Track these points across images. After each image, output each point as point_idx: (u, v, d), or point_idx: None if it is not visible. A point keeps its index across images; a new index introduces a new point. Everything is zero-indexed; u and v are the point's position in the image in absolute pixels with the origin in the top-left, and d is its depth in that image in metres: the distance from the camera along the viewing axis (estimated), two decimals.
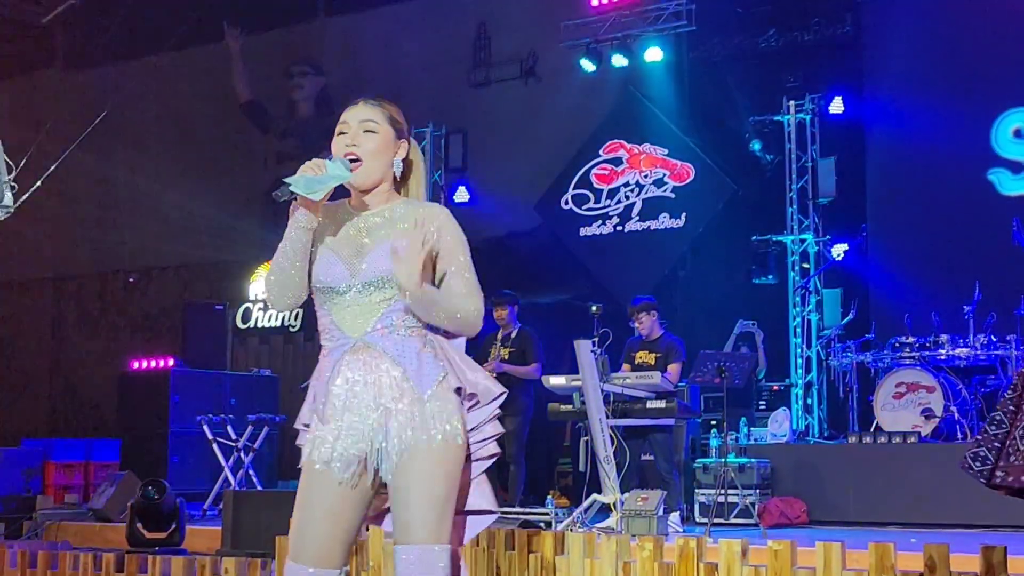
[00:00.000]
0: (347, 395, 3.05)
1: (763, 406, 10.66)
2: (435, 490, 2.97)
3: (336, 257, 3.12)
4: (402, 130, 3.26)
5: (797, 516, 8.69)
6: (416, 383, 3.02)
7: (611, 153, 12.62)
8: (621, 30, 12.32)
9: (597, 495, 7.94)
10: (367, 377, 3.04)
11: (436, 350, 3.10)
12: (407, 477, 2.97)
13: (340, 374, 3.08)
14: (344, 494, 3.04)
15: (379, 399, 3.02)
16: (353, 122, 3.18)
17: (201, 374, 11.40)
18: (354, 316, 3.10)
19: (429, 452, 2.97)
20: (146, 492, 7.40)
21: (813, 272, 11.24)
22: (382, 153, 3.18)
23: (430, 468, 2.97)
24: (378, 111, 3.21)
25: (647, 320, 9.12)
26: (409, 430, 2.98)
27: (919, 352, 9.51)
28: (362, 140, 3.16)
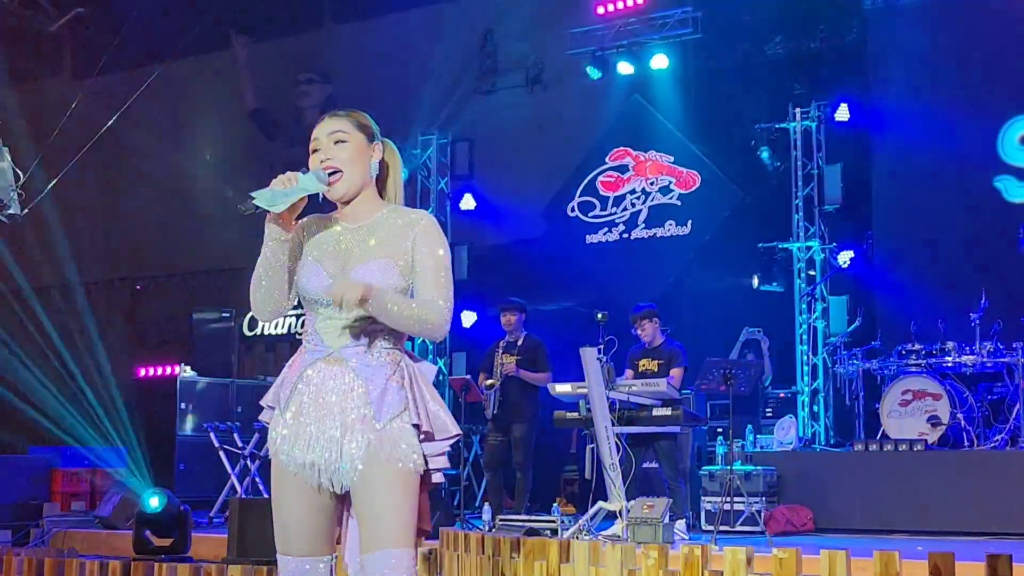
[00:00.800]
0: (313, 398, 3.13)
1: (769, 413, 10.66)
2: (398, 501, 3.05)
3: (321, 269, 3.18)
4: (372, 134, 3.29)
5: (803, 524, 8.68)
6: (376, 410, 3.10)
7: (617, 160, 12.63)
8: (627, 38, 12.34)
9: (603, 502, 7.94)
10: (335, 387, 3.12)
11: (404, 379, 3.16)
12: (371, 491, 3.06)
13: (312, 372, 3.15)
14: (313, 494, 3.12)
15: (341, 413, 3.10)
16: (323, 136, 3.23)
17: (208, 382, 11.42)
18: (334, 329, 3.16)
19: (389, 470, 3.06)
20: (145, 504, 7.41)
21: (819, 279, 11.23)
22: (357, 160, 3.23)
23: (392, 483, 3.06)
24: (345, 121, 3.26)
25: (649, 327, 9.12)
26: (373, 451, 3.06)
27: (925, 359, 9.50)
28: (335, 151, 3.21)
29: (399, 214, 3.26)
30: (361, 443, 3.07)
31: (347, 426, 3.09)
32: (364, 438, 3.08)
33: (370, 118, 3.33)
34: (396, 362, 3.17)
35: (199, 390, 11.29)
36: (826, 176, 11.35)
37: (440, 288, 3.16)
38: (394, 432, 3.09)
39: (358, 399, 3.10)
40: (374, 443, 3.07)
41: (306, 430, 3.11)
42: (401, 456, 3.08)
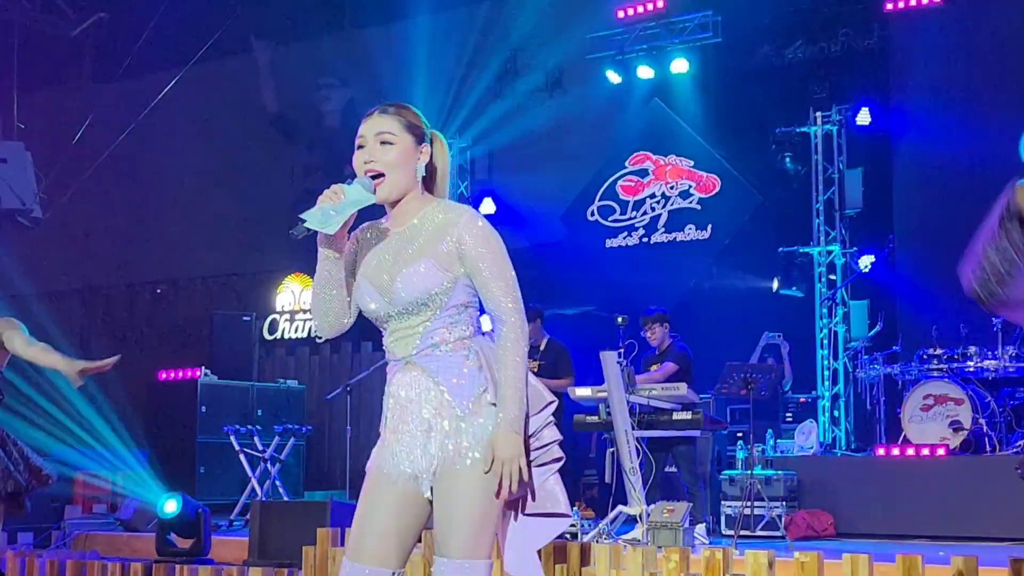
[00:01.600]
0: (399, 411, 3.13)
1: (790, 418, 10.62)
2: (471, 509, 2.99)
3: (372, 288, 3.15)
4: (422, 134, 3.20)
5: (824, 529, 8.64)
6: (456, 400, 3.06)
7: (637, 165, 12.62)
8: (647, 42, 12.34)
9: (623, 506, 7.93)
10: (412, 395, 3.11)
11: (481, 361, 3.11)
12: (446, 495, 3.02)
13: (393, 390, 3.16)
14: (402, 500, 3.09)
15: (423, 416, 3.08)
16: (370, 135, 3.15)
17: (228, 385, 11.45)
18: (400, 339, 3.15)
19: (465, 472, 3.01)
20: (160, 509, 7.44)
21: (840, 284, 11.20)
22: (403, 163, 3.14)
23: (467, 487, 3.00)
24: (393, 120, 3.16)
25: (659, 331, 9.12)
26: (448, 447, 3.03)
27: (947, 364, 9.45)
28: (380, 153, 3.13)
29: (441, 209, 3.18)
30: (441, 440, 3.04)
31: (429, 425, 3.07)
32: (444, 432, 3.04)
33: (420, 115, 3.23)
34: (468, 347, 3.12)
35: (219, 393, 11.31)
36: (847, 180, 11.32)
37: (507, 289, 3.11)
38: (478, 418, 3.04)
39: (436, 397, 3.07)
40: (454, 434, 3.03)
41: (392, 438, 3.12)
42: (480, 444, 3.02)
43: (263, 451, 10.24)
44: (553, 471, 3.18)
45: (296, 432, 10.48)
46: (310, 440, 11.76)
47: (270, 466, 10.19)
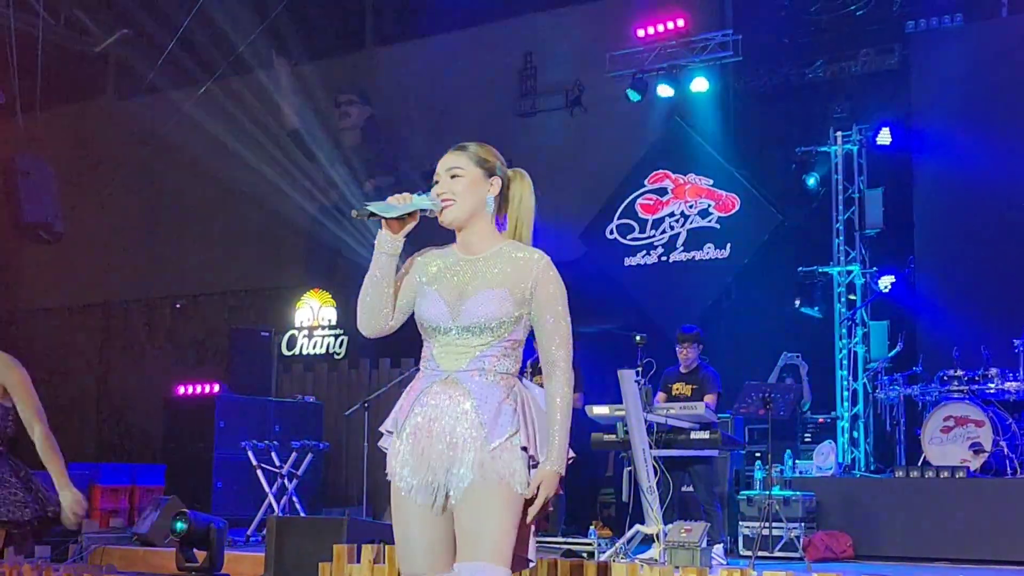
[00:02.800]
0: (427, 420, 3.24)
1: (808, 438, 10.56)
2: (500, 520, 3.14)
3: (440, 298, 3.30)
4: (492, 168, 3.40)
5: (843, 551, 8.59)
6: (488, 431, 3.18)
7: (656, 183, 12.61)
8: (667, 60, 12.34)
9: (640, 526, 7.90)
10: (449, 409, 3.22)
11: (517, 403, 3.25)
12: (475, 508, 3.14)
13: (427, 398, 3.26)
14: (428, 514, 3.22)
15: (453, 435, 3.20)
16: (442, 171, 3.37)
17: (246, 400, 11.45)
18: (451, 354, 3.27)
19: (494, 489, 3.15)
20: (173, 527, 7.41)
21: (860, 304, 11.16)
22: (470, 192, 3.34)
23: (496, 502, 3.14)
24: (463, 156, 3.38)
25: (693, 351, 9.07)
26: (474, 471, 3.16)
27: (968, 386, 9.39)
28: (450, 184, 3.34)
29: (516, 248, 3.36)
30: (471, 463, 3.16)
31: (458, 447, 3.19)
32: (474, 458, 3.17)
33: (494, 152, 3.43)
34: (510, 386, 3.27)
35: (237, 408, 11.32)
36: (867, 200, 11.28)
37: (565, 339, 3.31)
38: (504, 454, 3.18)
39: (470, 421, 3.20)
40: (484, 463, 3.16)
41: (418, 451, 3.22)
42: (508, 475, 3.17)
43: (280, 467, 10.24)
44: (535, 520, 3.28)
45: (313, 448, 10.47)
46: (328, 456, 11.76)
47: (287, 482, 10.18)
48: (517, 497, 3.17)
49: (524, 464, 3.20)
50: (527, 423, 3.24)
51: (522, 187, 3.45)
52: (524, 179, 3.46)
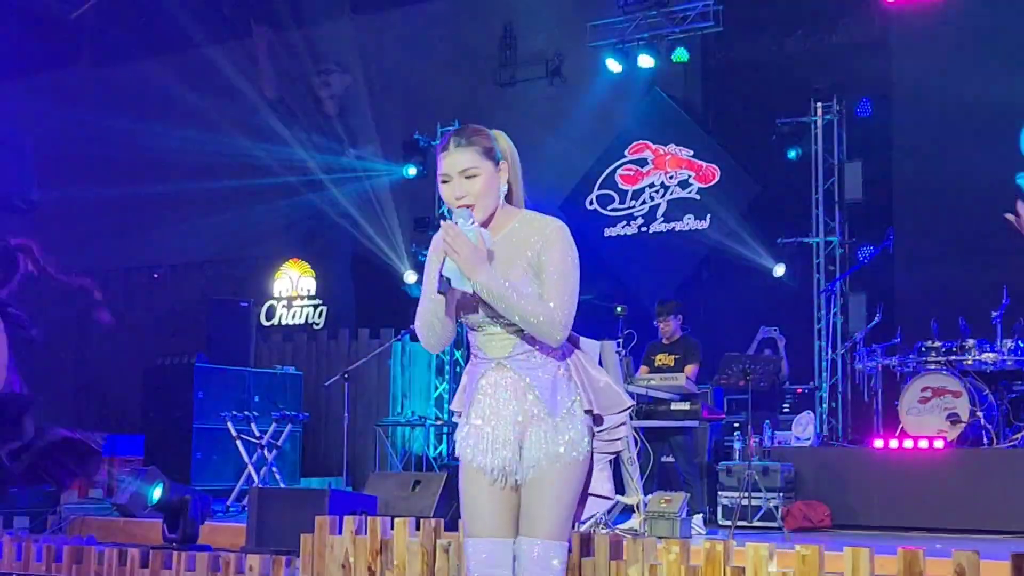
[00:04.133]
0: (491, 403, 3.33)
1: (787, 409, 10.61)
2: (560, 499, 3.28)
3: (473, 298, 3.28)
4: (496, 154, 3.36)
5: (820, 520, 8.65)
6: (549, 407, 3.28)
7: (636, 154, 12.59)
8: (648, 31, 12.29)
9: (620, 496, 7.92)
10: (509, 392, 3.31)
11: (571, 370, 3.34)
12: (539, 485, 3.27)
13: (486, 381, 3.35)
14: (496, 489, 3.32)
15: (516, 416, 3.29)
16: (453, 172, 3.30)
17: (225, 371, 11.43)
18: (494, 342, 3.34)
19: (557, 468, 3.27)
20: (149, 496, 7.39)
21: (839, 275, 11.19)
22: (490, 190, 3.32)
23: (557, 481, 3.27)
24: (472, 153, 3.31)
25: (673, 322, 9.09)
26: (540, 448, 3.27)
27: (945, 357, 9.44)
28: (467, 187, 3.29)
29: (529, 223, 3.38)
30: (537, 438, 3.26)
31: (523, 426, 3.28)
32: (540, 433, 3.27)
33: (490, 134, 3.37)
34: (560, 355, 3.33)
35: (216, 379, 11.29)
36: (847, 171, 11.31)
37: (557, 293, 3.27)
38: (568, 422, 3.28)
39: (531, 401, 3.28)
40: (549, 436, 3.26)
41: (486, 434, 3.31)
42: (572, 447, 3.27)
43: (260, 437, 10.23)
44: (609, 458, 3.47)
45: (293, 419, 10.47)
46: (307, 427, 11.75)
47: (267, 452, 10.18)
48: (578, 465, 3.29)
49: (588, 426, 3.32)
50: (584, 386, 3.33)
51: (512, 152, 3.45)
52: (509, 141, 3.45)
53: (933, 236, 10.99)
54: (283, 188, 14.50)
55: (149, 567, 6.03)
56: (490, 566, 3.30)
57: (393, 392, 12.51)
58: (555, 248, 3.33)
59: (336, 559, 5.35)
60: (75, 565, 6.28)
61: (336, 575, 5.35)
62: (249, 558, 5.73)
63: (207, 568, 5.85)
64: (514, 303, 3.19)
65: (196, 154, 14.97)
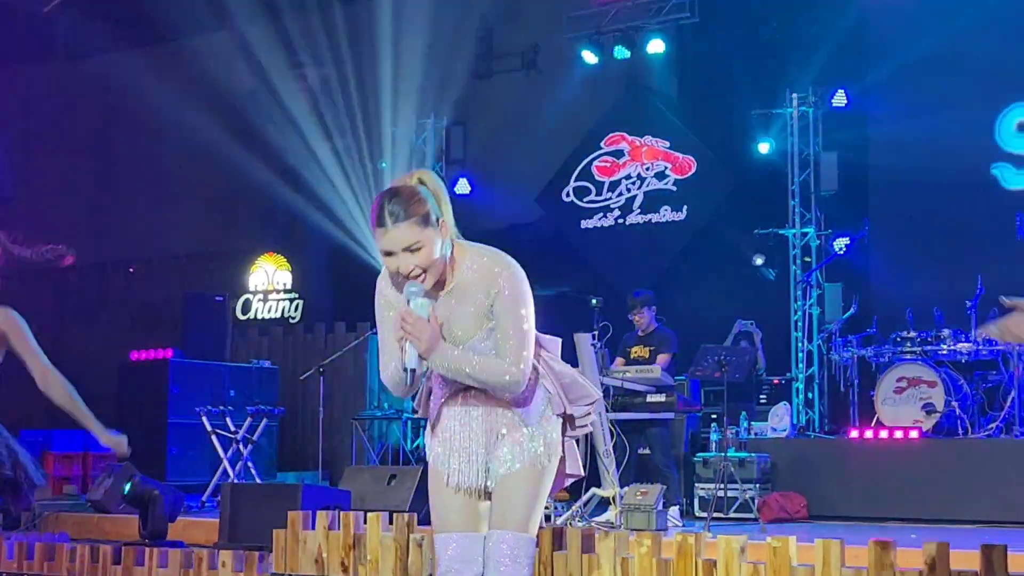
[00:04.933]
0: (460, 420, 3.39)
1: (764, 400, 10.63)
2: (531, 497, 3.34)
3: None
4: (435, 216, 3.24)
5: (797, 511, 8.66)
6: (524, 416, 3.36)
7: (613, 145, 12.58)
8: (624, 22, 12.27)
9: (596, 489, 7.92)
10: (480, 409, 3.37)
11: (540, 375, 3.40)
12: (509, 485, 3.33)
13: (455, 405, 3.40)
14: (468, 498, 3.40)
15: (487, 432, 3.36)
16: (397, 249, 3.22)
17: (200, 365, 11.35)
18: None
19: (529, 470, 3.34)
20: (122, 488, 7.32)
21: (815, 266, 11.20)
22: (434, 256, 3.24)
23: (528, 484, 3.34)
24: (410, 227, 3.20)
25: (646, 315, 9.09)
26: (512, 458, 3.34)
27: (921, 347, 9.47)
28: (414, 260, 3.22)
29: (479, 267, 3.32)
30: (508, 452, 3.34)
31: (495, 438, 3.36)
32: (512, 445, 3.34)
33: (421, 195, 3.24)
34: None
35: (191, 373, 11.22)
36: (822, 162, 11.32)
37: (514, 349, 3.27)
38: (542, 427, 3.37)
39: (502, 412, 3.36)
40: (521, 446, 3.34)
41: (455, 450, 3.38)
42: (542, 454, 3.36)
43: (235, 432, 10.18)
44: (574, 439, 3.54)
45: (269, 413, 10.42)
46: (283, 421, 11.70)
47: (242, 447, 10.13)
48: (551, 469, 3.39)
49: (558, 434, 3.40)
50: (554, 387, 3.39)
51: (443, 192, 3.34)
52: (435, 180, 3.34)
53: (908, 227, 11.02)
54: (259, 182, 14.42)
55: (121, 564, 5.98)
56: (459, 561, 3.33)
57: (370, 385, 12.47)
58: (507, 297, 3.29)
59: (309, 554, 5.31)
60: (47, 562, 6.22)
61: (309, 570, 5.31)
62: (222, 554, 5.69)
63: (180, 564, 5.80)
64: (470, 373, 3.25)
65: (172, 148, 14.89)
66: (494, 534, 3.31)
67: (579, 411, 3.47)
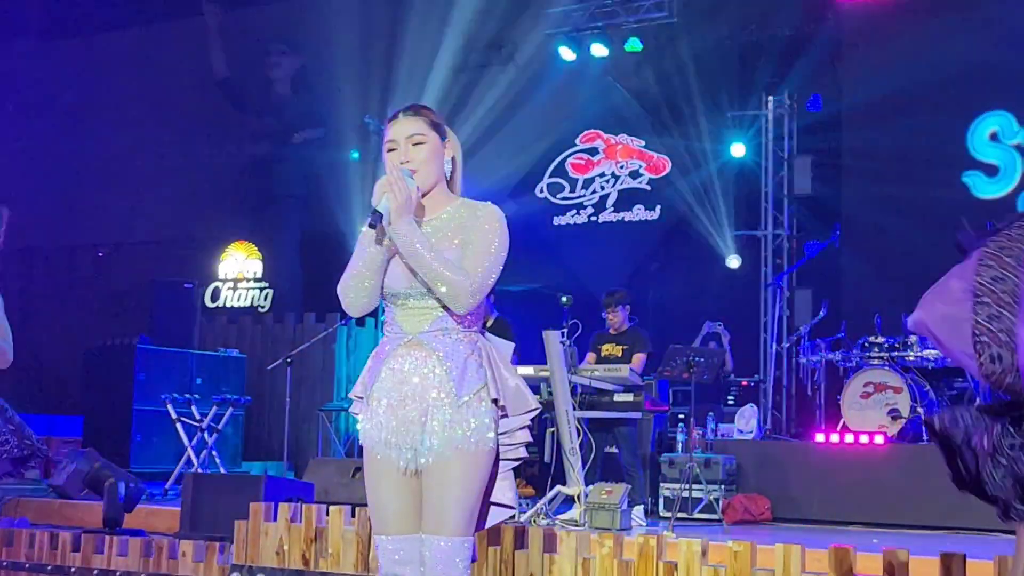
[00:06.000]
0: (397, 380, 3.29)
1: (732, 402, 10.65)
2: (466, 491, 3.24)
3: (398, 263, 3.31)
4: (444, 131, 3.43)
5: (761, 513, 8.68)
6: (456, 386, 3.25)
7: (588, 143, 12.58)
8: (602, 19, 12.27)
9: (561, 487, 7.90)
10: (416, 369, 3.28)
11: (482, 358, 3.32)
12: (443, 476, 3.22)
13: (394, 360, 3.31)
14: (399, 476, 3.28)
15: (424, 392, 3.25)
16: (400, 138, 3.35)
17: (167, 352, 11.28)
18: (412, 317, 3.32)
19: (463, 456, 3.22)
20: None
21: (786, 269, 11.23)
22: (433, 159, 3.36)
23: (463, 471, 3.22)
24: (420, 121, 3.37)
25: (620, 314, 9.07)
26: (442, 432, 3.23)
27: (888, 353, 9.51)
28: (413, 153, 3.34)
29: (467, 207, 3.39)
30: (441, 421, 3.22)
31: (428, 405, 3.24)
32: (444, 415, 3.23)
33: (439, 115, 3.43)
34: (473, 342, 3.32)
35: (158, 360, 11.14)
36: (796, 165, 11.35)
37: (476, 263, 3.26)
38: (472, 408, 3.24)
39: (438, 379, 3.25)
40: (453, 420, 3.22)
41: (388, 414, 3.28)
42: (477, 435, 3.23)
43: (201, 420, 10.12)
44: (512, 467, 3.42)
45: (235, 402, 10.36)
46: (250, 410, 11.65)
47: (207, 436, 10.07)
48: (484, 456, 3.25)
49: (493, 418, 3.27)
50: (495, 375, 3.31)
51: (458, 144, 3.50)
52: (455, 139, 3.50)
53: (880, 232, 11.06)
54: (230, 169, 14.35)
55: (81, 551, 5.94)
56: (401, 564, 3.29)
57: (338, 376, 12.43)
58: (484, 226, 3.32)
59: (270, 546, 5.29)
60: (5, 548, 6.18)
61: (270, 562, 5.29)
62: (182, 544, 5.66)
63: (140, 553, 5.77)
64: (427, 260, 3.20)
65: (144, 132, 14.79)
66: (429, 540, 3.23)
67: (514, 422, 3.37)
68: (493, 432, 3.27)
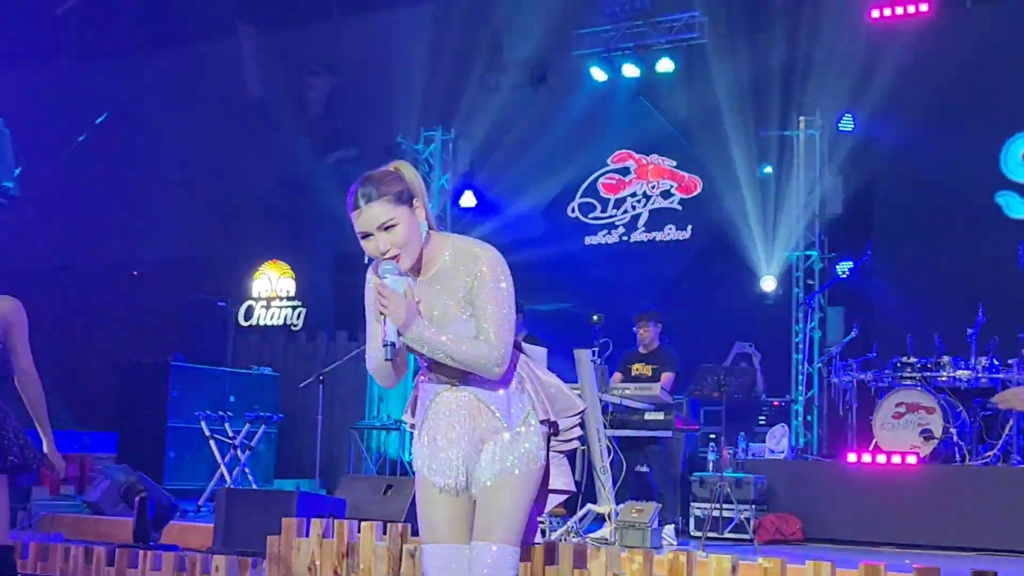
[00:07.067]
0: (446, 421, 3.38)
1: (763, 422, 10.62)
2: (516, 507, 3.33)
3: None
4: (409, 194, 3.30)
5: (792, 533, 8.65)
6: (506, 421, 3.34)
7: (619, 163, 12.61)
8: (633, 40, 12.31)
9: (592, 505, 7.92)
10: (464, 412, 3.36)
11: (524, 381, 3.40)
12: (493, 494, 3.32)
13: (439, 405, 3.40)
14: (452, 499, 3.39)
15: (472, 433, 3.35)
16: (372, 229, 3.28)
17: (201, 370, 11.38)
18: (449, 369, 3.35)
19: (514, 478, 3.32)
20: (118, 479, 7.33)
21: (817, 289, 11.21)
22: (412, 235, 3.29)
23: (514, 490, 3.32)
24: (384, 205, 3.26)
25: (652, 331, 9.09)
26: (496, 463, 3.33)
27: (920, 373, 9.46)
28: (389, 239, 3.27)
29: (460, 254, 3.34)
30: (493, 456, 3.33)
31: (480, 443, 3.35)
32: (496, 450, 3.33)
33: (396, 175, 3.32)
34: (510, 368, 3.36)
35: (191, 378, 11.24)
36: (827, 186, 11.33)
37: (493, 331, 3.28)
38: (523, 436, 3.35)
39: (488, 417, 3.35)
40: (505, 451, 3.32)
41: (441, 453, 3.37)
42: (527, 459, 3.34)
43: (233, 437, 10.19)
44: (564, 453, 3.53)
45: (267, 419, 10.43)
46: (282, 428, 11.72)
47: (240, 453, 10.14)
48: (535, 475, 3.36)
49: (543, 435, 3.38)
50: (537, 393, 3.39)
51: (419, 181, 3.39)
52: (412, 170, 3.40)
53: (911, 252, 11.03)
54: (264, 188, 14.46)
55: (115, 566, 6.00)
56: (445, 571, 3.34)
57: (369, 395, 12.48)
58: (488, 284, 3.30)
59: (302, 562, 5.33)
60: (40, 562, 6.24)
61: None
62: (215, 559, 5.71)
63: (173, 568, 5.83)
64: (450, 349, 3.25)
65: (179, 152, 14.93)
66: (477, 546, 3.30)
67: (565, 423, 3.46)
68: (543, 449, 3.38)
